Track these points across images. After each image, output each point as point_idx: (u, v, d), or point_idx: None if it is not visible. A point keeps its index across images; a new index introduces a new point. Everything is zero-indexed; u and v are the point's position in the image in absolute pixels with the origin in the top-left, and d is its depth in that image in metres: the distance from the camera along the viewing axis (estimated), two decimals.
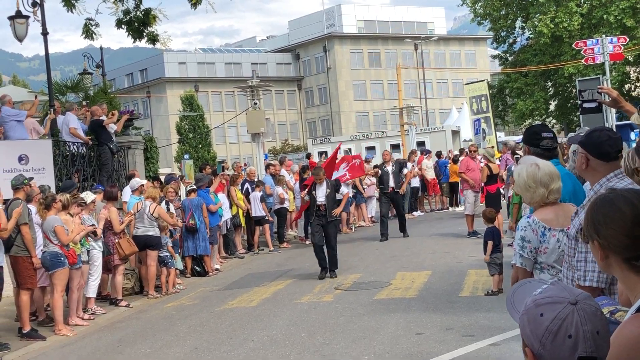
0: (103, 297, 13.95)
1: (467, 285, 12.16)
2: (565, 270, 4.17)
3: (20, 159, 14.97)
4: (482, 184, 18.41)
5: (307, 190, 14.90)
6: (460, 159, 23.12)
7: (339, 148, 17.30)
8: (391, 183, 19.60)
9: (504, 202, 18.39)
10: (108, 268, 13.51)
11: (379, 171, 19.88)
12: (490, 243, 11.30)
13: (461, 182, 19.93)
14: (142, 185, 15.00)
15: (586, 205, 4.12)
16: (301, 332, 9.95)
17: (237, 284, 14.74)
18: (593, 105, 5.30)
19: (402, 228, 19.68)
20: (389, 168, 19.77)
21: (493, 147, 30.93)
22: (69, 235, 11.42)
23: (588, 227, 2.45)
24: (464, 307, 10.51)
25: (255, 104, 23.87)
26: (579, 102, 5.33)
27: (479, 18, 53.22)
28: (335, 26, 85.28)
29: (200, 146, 60.44)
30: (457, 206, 26.59)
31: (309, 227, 20.46)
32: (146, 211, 13.97)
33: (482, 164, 19.09)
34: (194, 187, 16.77)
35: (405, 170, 21.38)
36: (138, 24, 20.07)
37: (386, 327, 9.68)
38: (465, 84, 42.77)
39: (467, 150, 21.78)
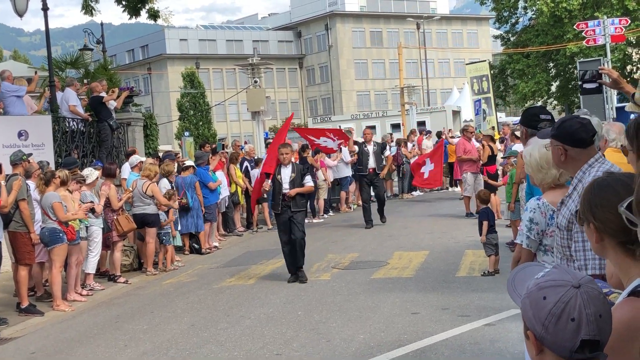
0: (102, 274, 14.00)
1: (464, 265, 12.20)
2: (558, 260, 4.18)
3: (19, 134, 14.97)
4: (482, 164, 18.43)
5: (270, 176, 12.53)
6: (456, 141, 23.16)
7: (292, 118, 16.44)
8: (371, 164, 18.26)
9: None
10: (107, 244, 13.54)
11: (356, 148, 19.04)
12: (485, 223, 11.33)
13: (460, 165, 19.71)
14: (142, 161, 15.00)
15: (572, 194, 4.13)
16: (298, 310, 10.00)
17: (235, 262, 14.79)
18: (593, 86, 5.29)
19: (381, 212, 18.28)
20: (370, 148, 18.42)
21: (493, 127, 30.88)
22: (67, 211, 11.44)
23: (584, 210, 2.45)
24: (460, 287, 10.56)
25: (256, 82, 23.82)
26: (579, 83, 5.31)
27: None
28: (338, 4, 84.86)
29: (200, 123, 60.31)
30: (456, 186, 26.59)
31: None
32: (139, 189, 13.98)
33: (477, 145, 19.08)
34: (187, 165, 16.74)
35: (386, 153, 19.71)
36: (135, 1, 20.02)
37: (382, 307, 9.73)
38: (467, 64, 42.61)
39: (462, 131, 21.75)
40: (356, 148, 19.68)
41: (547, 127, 5.65)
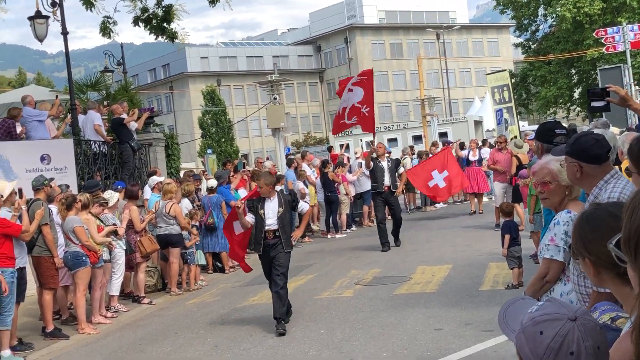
0: (126, 295, 14.07)
1: (488, 278, 12.13)
2: (575, 277, 4.15)
3: (42, 158, 15.13)
4: (511, 175, 18.33)
5: (244, 207, 10.36)
6: (489, 150, 23.05)
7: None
8: (386, 181, 16.93)
9: None
10: (131, 266, 13.63)
11: (371, 164, 17.27)
12: (507, 237, 11.26)
13: (493, 174, 19.62)
14: (160, 182, 15.10)
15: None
16: (320, 328, 9.99)
17: (258, 280, 14.77)
18: (601, 104, 5.22)
19: (396, 235, 17.08)
20: (384, 164, 17.07)
21: (516, 136, 30.76)
22: (90, 235, 11.53)
23: (577, 245, 2.44)
24: (484, 302, 10.49)
25: (275, 98, 23.90)
26: (588, 101, 5.24)
27: (502, 6, 52.89)
28: (356, 17, 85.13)
29: (223, 140, 60.58)
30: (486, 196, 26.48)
31: (328, 222, 20.50)
32: (163, 210, 14.06)
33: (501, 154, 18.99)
34: (213, 186, 16.80)
35: (401, 170, 18.33)
36: (158, 20, 20.28)
37: (405, 323, 9.69)
38: (487, 74, 42.51)
39: (492, 141, 21.73)
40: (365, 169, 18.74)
41: (563, 141, 5.63)
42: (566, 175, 4.68)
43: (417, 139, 38.72)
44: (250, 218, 10.24)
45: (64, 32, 17.82)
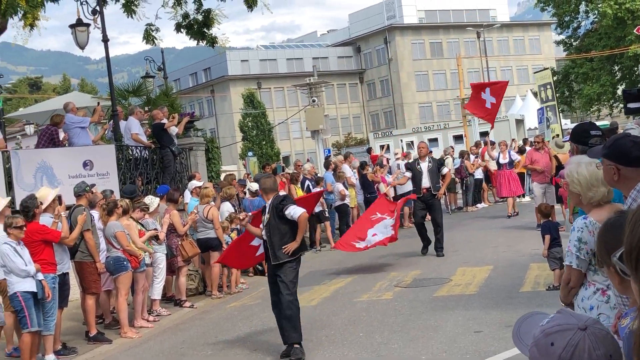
0: (168, 298, 14.20)
1: (529, 280, 12.01)
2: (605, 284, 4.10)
3: (84, 164, 15.35)
4: (552, 175, 18.13)
5: (246, 218, 10.04)
6: (528, 148, 22.83)
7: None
8: (425, 183, 16.11)
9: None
10: (172, 270, 13.75)
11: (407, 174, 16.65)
12: (547, 237, 11.13)
13: (531, 174, 19.45)
14: (198, 187, 15.23)
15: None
16: (359, 331, 9.98)
17: (300, 283, 14.82)
18: (638, 105, 5.13)
19: (438, 245, 15.84)
20: (424, 165, 16.23)
21: (558, 135, 30.42)
22: (131, 240, 11.66)
23: (602, 253, 2.41)
24: (524, 303, 10.39)
25: (314, 101, 23.95)
26: (624, 102, 5.16)
27: (542, 4, 52.34)
28: (396, 17, 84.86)
29: (264, 143, 60.87)
30: (523, 197, 26.24)
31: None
32: (201, 215, 14.16)
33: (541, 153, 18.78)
34: (255, 189, 16.85)
35: (444, 170, 16.75)
36: (198, 26, 20.51)
37: (445, 326, 9.64)
38: (535, 73, 42.11)
39: (531, 140, 21.52)
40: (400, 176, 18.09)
41: (598, 143, 5.56)
42: (574, 180, 4.62)
43: (458, 138, 38.45)
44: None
45: (105, 39, 18.06)
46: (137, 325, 12.16)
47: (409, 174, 16.67)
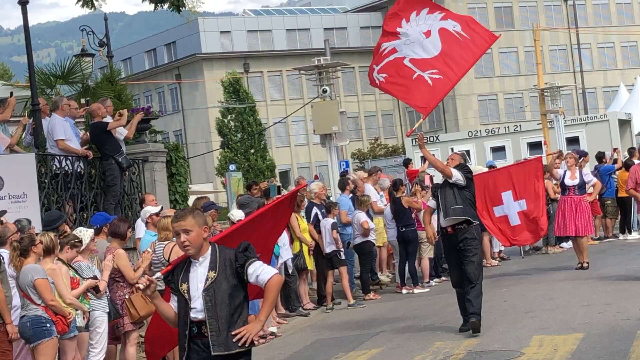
0: None
1: (636, 354, 12.00)
2: None
3: None
4: None
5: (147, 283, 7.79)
6: (636, 162, 22.80)
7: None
8: (452, 212, 15.12)
9: None
10: (116, 336, 13.74)
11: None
12: None
13: (636, 200, 19.43)
14: (156, 214, 15.20)
15: None
16: None
17: (301, 356, 14.85)
18: None
19: (473, 305, 14.82)
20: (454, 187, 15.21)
21: None
22: (57, 291, 11.67)
23: None
24: None
25: (325, 91, 23.98)
26: None
27: None
28: None
29: (252, 151, 61.02)
30: (630, 232, 26.23)
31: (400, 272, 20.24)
32: (159, 256, 14.15)
33: None
34: (240, 219, 16.86)
35: None
36: None
37: None
38: None
39: (637, 150, 21.47)
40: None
41: None
42: None
43: (535, 147, 38.50)
44: (173, 303, 8.08)
45: (22, 1, 18.14)
46: None
47: (432, 204, 15.92)
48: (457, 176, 14.86)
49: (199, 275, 7.81)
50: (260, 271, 7.76)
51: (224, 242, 8.30)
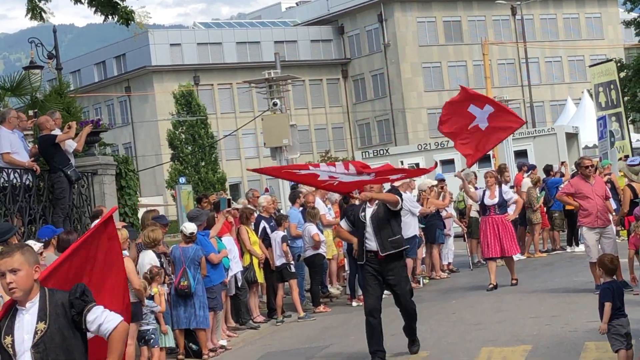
0: None
1: None
2: None
3: None
4: (622, 215, 18.34)
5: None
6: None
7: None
8: (371, 244, 13.90)
9: None
10: None
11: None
12: (607, 305, 11.18)
13: (579, 214, 19.42)
14: None
15: None
16: None
17: None
18: None
19: (409, 330, 14.48)
20: (369, 210, 13.99)
21: (627, 156, 30.76)
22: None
23: None
24: None
25: (275, 104, 24.02)
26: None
27: None
28: None
29: (203, 164, 60.92)
30: (577, 245, 26.44)
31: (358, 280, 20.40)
32: None
33: (607, 183, 18.95)
34: (192, 232, 16.81)
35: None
36: None
37: None
38: (590, 66, 42.55)
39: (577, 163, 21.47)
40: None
41: None
42: None
43: (484, 160, 38.64)
44: None
45: None
46: None
47: (345, 226, 14.63)
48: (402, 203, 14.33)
49: (26, 326, 6.66)
50: (103, 319, 6.70)
51: (50, 283, 6.97)
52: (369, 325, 13.88)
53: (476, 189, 22.93)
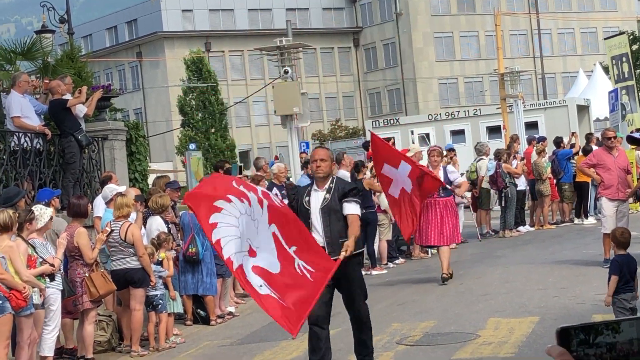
0: (68, 353, 14.09)
1: None
2: None
3: None
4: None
5: None
6: (594, 147, 22.90)
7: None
8: (318, 236, 11.24)
9: None
10: (69, 310, 13.62)
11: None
12: (614, 278, 11.17)
13: (597, 184, 19.32)
14: (120, 193, 15.11)
15: None
16: None
17: (257, 336, 14.84)
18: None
19: (360, 349, 11.72)
20: (320, 194, 11.27)
21: (639, 129, 30.63)
22: (14, 268, 11.60)
23: None
24: None
25: (286, 72, 23.94)
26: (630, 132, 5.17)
27: None
28: None
29: (213, 131, 60.79)
30: (586, 217, 26.37)
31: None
32: (115, 237, 14.07)
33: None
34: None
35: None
36: None
37: None
38: (605, 39, 42.33)
39: (599, 136, 21.37)
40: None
41: None
42: None
43: (494, 131, 38.61)
44: None
45: None
46: None
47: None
48: None
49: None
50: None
51: None
52: (314, 337, 11.39)
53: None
